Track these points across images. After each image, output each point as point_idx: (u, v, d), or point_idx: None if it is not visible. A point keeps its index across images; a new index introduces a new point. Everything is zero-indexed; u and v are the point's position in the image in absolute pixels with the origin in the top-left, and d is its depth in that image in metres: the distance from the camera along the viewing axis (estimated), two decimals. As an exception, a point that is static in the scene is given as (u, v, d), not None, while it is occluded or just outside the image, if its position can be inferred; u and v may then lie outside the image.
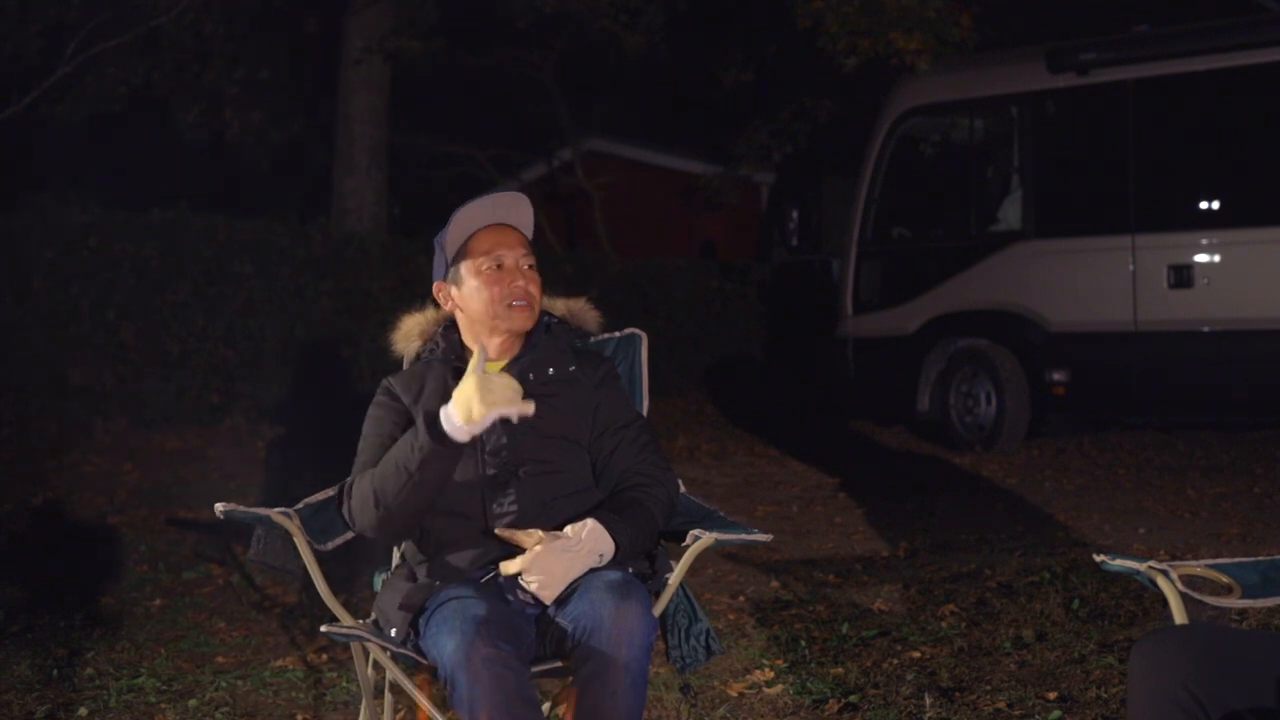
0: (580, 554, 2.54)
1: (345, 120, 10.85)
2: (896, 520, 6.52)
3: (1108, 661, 3.82)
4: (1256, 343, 7.73)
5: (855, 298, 9.36)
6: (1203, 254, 7.93)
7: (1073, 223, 8.57)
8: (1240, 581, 2.38)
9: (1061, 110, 8.69)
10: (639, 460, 2.74)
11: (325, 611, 2.73)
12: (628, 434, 2.77)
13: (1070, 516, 6.43)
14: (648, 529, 2.67)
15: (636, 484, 2.71)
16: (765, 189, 16.55)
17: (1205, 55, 7.96)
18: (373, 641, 2.59)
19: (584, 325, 2.93)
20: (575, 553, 2.54)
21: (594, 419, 2.77)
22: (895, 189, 9.34)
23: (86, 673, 4.14)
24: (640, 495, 2.69)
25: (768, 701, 3.69)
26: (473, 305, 2.78)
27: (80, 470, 7.56)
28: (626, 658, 2.42)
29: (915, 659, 3.98)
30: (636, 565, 2.69)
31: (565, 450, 2.73)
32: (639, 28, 11.81)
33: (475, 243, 2.77)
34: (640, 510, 2.66)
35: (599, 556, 2.57)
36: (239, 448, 8.21)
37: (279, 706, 3.82)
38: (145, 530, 6.37)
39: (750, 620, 4.55)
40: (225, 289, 8.95)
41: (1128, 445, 8.60)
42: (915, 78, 9.63)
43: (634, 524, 2.63)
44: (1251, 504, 6.60)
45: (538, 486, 2.68)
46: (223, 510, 2.68)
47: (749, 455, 9.05)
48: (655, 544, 2.76)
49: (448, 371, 2.80)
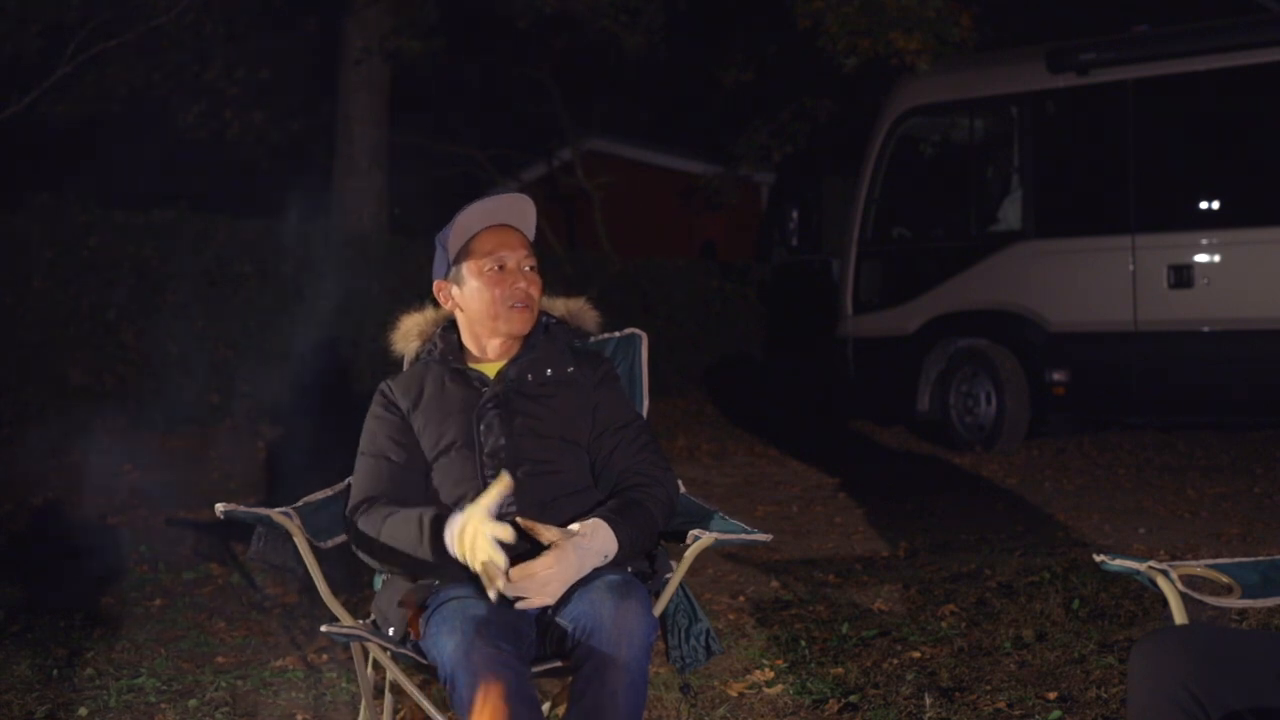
0: (589, 552, 2.54)
1: (345, 120, 10.85)
2: (896, 520, 6.52)
3: (1108, 661, 3.82)
4: (1256, 343, 7.73)
5: (855, 298, 9.36)
6: (1203, 254, 7.93)
7: (1073, 223, 8.57)
8: (1240, 581, 2.39)
9: (1061, 110, 8.69)
10: (638, 460, 2.74)
11: (325, 611, 2.73)
12: (627, 434, 2.77)
13: (1070, 516, 6.43)
14: (648, 529, 2.66)
15: (636, 484, 2.71)
16: (765, 189, 16.56)
17: (1205, 55, 7.96)
18: (373, 641, 2.59)
19: (583, 325, 2.93)
20: (586, 550, 2.54)
21: (593, 419, 2.77)
22: (895, 189, 9.35)
23: (86, 673, 4.14)
24: (640, 495, 2.69)
25: (768, 701, 3.68)
26: (473, 305, 2.78)
27: (80, 470, 7.55)
28: (626, 658, 2.42)
29: (915, 659, 3.98)
30: (636, 565, 2.69)
31: (564, 451, 2.73)
32: (639, 28, 11.81)
33: (477, 243, 2.77)
34: (640, 510, 2.66)
35: (604, 556, 2.57)
36: (239, 448, 8.21)
37: (279, 706, 3.82)
38: (145, 530, 6.37)
39: (750, 620, 4.55)
40: (225, 289, 8.95)
41: (1128, 445, 8.60)
42: (915, 78, 9.63)
43: (634, 524, 2.63)
44: (1251, 504, 6.60)
45: (537, 487, 2.68)
46: (223, 510, 2.68)
47: (749, 455, 9.05)
48: (655, 544, 2.75)
49: (446, 373, 2.80)
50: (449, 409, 2.75)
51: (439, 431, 2.73)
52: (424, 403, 2.77)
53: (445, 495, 2.71)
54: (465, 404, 2.74)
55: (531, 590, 2.48)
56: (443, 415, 2.74)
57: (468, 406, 2.74)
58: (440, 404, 2.76)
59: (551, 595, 2.51)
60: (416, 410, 2.76)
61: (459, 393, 2.76)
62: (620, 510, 2.64)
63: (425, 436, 2.74)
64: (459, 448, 2.71)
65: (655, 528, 2.70)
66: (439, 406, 2.76)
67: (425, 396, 2.77)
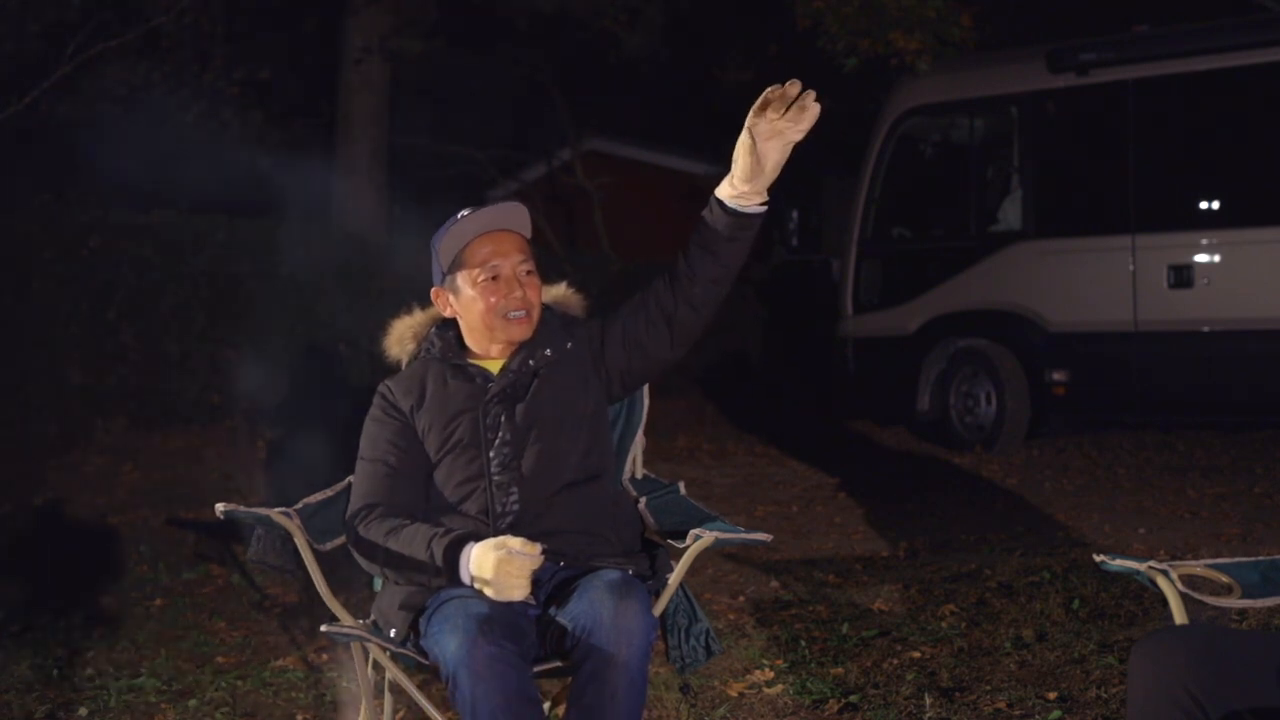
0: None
1: (345, 120, 10.84)
2: (896, 520, 6.52)
3: (1108, 661, 3.82)
4: (1256, 343, 7.72)
5: (855, 298, 9.35)
6: (1203, 254, 7.93)
7: (1073, 223, 8.57)
8: (1240, 581, 2.39)
9: (1061, 110, 8.68)
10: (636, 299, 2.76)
11: (325, 611, 2.73)
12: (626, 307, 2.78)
13: (1070, 516, 6.43)
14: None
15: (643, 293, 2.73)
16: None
17: (1205, 55, 7.95)
18: (373, 641, 2.59)
19: (570, 310, 2.93)
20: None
21: (602, 354, 2.77)
22: (895, 189, 9.34)
23: (86, 673, 4.15)
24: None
25: (768, 701, 3.68)
26: (470, 315, 2.78)
27: (80, 470, 7.55)
28: (626, 657, 2.42)
29: (915, 659, 3.98)
30: (637, 565, 2.69)
31: (572, 431, 2.73)
32: (639, 28, 11.80)
33: (470, 253, 2.76)
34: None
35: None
36: (239, 448, 8.21)
37: (279, 706, 3.83)
38: (145, 530, 6.37)
39: (750, 620, 4.55)
40: (225, 289, 8.94)
41: (1128, 445, 8.59)
42: (915, 78, 9.63)
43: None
44: (1251, 504, 6.60)
45: (539, 484, 2.68)
46: (223, 510, 2.69)
47: (749, 455, 9.05)
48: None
49: (447, 370, 2.80)
50: (453, 407, 2.74)
51: (444, 430, 2.73)
52: (427, 402, 2.76)
53: (449, 494, 2.71)
54: (469, 401, 2.74)
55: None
56: (447, 414, 2.74)
57: (472, 404, 2.74)
58: (444, 402, 2.75)
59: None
60: (420, 410, 2.76)
61: (462, 390, 2.76)
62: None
63: (430, 436, 2.74)
64: (465, 446, 2.71)
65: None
66: (443, 405, 2.75)
67: (428, 395, 2.77)
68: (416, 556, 2.56)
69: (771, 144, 2.50)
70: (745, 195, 2.56)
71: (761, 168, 2.52)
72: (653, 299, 2.70)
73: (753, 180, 2.54)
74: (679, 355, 2.74)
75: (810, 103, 2.47)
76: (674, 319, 2.68)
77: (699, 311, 2.68)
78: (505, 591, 2.44)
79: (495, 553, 2.46)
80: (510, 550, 2.45)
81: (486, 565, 2.46)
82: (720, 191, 2.59)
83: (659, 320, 2.69)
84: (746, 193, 2.56)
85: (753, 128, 2.49)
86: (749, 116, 2.49)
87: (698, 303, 2.66)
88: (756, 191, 2.56)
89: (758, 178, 2.54)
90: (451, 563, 2.52)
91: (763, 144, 2.50)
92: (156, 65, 10.55)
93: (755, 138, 2.49)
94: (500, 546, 2.46)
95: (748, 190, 2.56)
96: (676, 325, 2.69)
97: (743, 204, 2.58)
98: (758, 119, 2.47)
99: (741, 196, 2.57)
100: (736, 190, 2.56)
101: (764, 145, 2.50)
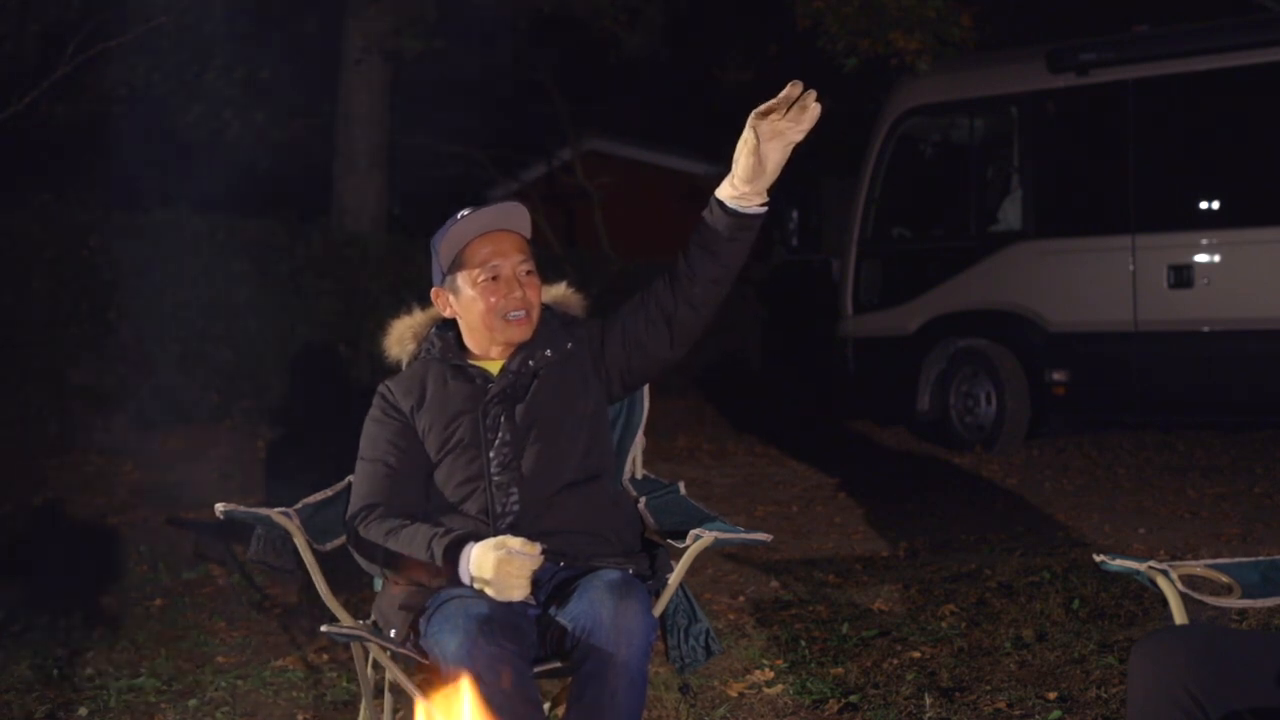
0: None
1: (345, 120, 10.84)
2: (896, 520, 6.52)
3: (1108, 661, 3.82)
4: (1256, 343, 7.72)
5: (855, 298, 9.35)
6: (1203, 254, 7.93)
7: (1073, 223, 8.56)
8: (1240, 581, 2.39)
9: (1061, 110, 8.68)
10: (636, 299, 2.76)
11: (325, 611, 2.73)
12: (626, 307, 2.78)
13: (1070, 516, 6.43)
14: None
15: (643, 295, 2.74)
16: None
17: (1205, 55, 7.95)
18: (373, 641, 2.59)
19: (570, 310, 2.93)
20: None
21: (602, 354, 2.77)
22: (895, 189, 9.34)
23: (86, 673, 4.14)
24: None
25: (768, 701, 3.68)
26: (470, 315, 2.78)
27: (80, 470, 7.55)
28: (626, 657, 2.42)
29: (915, 659, 3.98)
30: (637, 565, 2.69)
31: (572, 431, 2.73)
32: (639, 28, 11.80)
33: (469, 253, 2.76)
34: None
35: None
36: (239, 448, 8.20)
37: (279, 706, 3.83)
38: (145, 530, 6.37)
39: (750, 620, 4.55)
40: (225, 289, 8.94)
41: (1128, 445, 8.59)
42: (915, 78, 9.63)
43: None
44: (1251, 504, 6.60)
45: (539, 484, 2.68)
46: (223, 510, 2.69)
47: (749, 455, 9.05)
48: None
49: (447, 370, 2.80)
50: (453, 407, 2.74)
51: (445, 431, 2.73)
52: (427, 402, 2.76)
53: (449, 495, 2.71)
54: (469, 402, 2.74)
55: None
56: (447, 414, 2.74)
57: (472, 404, 2.74)
58: (444, 402, 2.75)
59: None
60: (420, 410, 2.76)
61: (462, 390, 2.76)
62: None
63: (430, 436, 2.74)
64: (465, 446, 2.71)
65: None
66: (443, 405, 2.75)
67: (428, 396, 2.77)
68: (417, 557, 2.56)
69: (772, 144, 2.51)
70: (746, 196, 2.57)
71: (763, 168, 2.53)
72: (653, 299, 2.70)
73: (753, 181, 2.54)
74: (679, 355, 2.75)
75: (811, 103, 2.47)
76: (674, 319, 2.68)
77: (699, 311, 2.68)
78: (505, 591, 2.44)
79: (495, 553, 2.46)
80: (510, 550, 2.45)
81: (486, 565, 2.46)
82: (720, 192, 2.59)
83: (659, 320, 2.69)
84: (747, 193, 2.56)
85: (755, 128, 2.49)
86: (751, 118, 2.49)
87: (698, 302, 2.66)
88: (757, 192, 2.57)
89: (759, 178, 2.54)
90: (452, 563, 2.52)
91: (764, 144, 2.50)
92: (156, 65, 10.56)
93: (759, 138, 2.50)
94: (500, 546, 2.46)
95: (748, 191, 2.56)
96: (676, 325, 2.69)
97: (743, 205, 2.58)
98: (760, 120, 2.48)
99: (742, 197, 2.57)
100: (737, 191, 2.57)
101: (765, 146, 2.51)
